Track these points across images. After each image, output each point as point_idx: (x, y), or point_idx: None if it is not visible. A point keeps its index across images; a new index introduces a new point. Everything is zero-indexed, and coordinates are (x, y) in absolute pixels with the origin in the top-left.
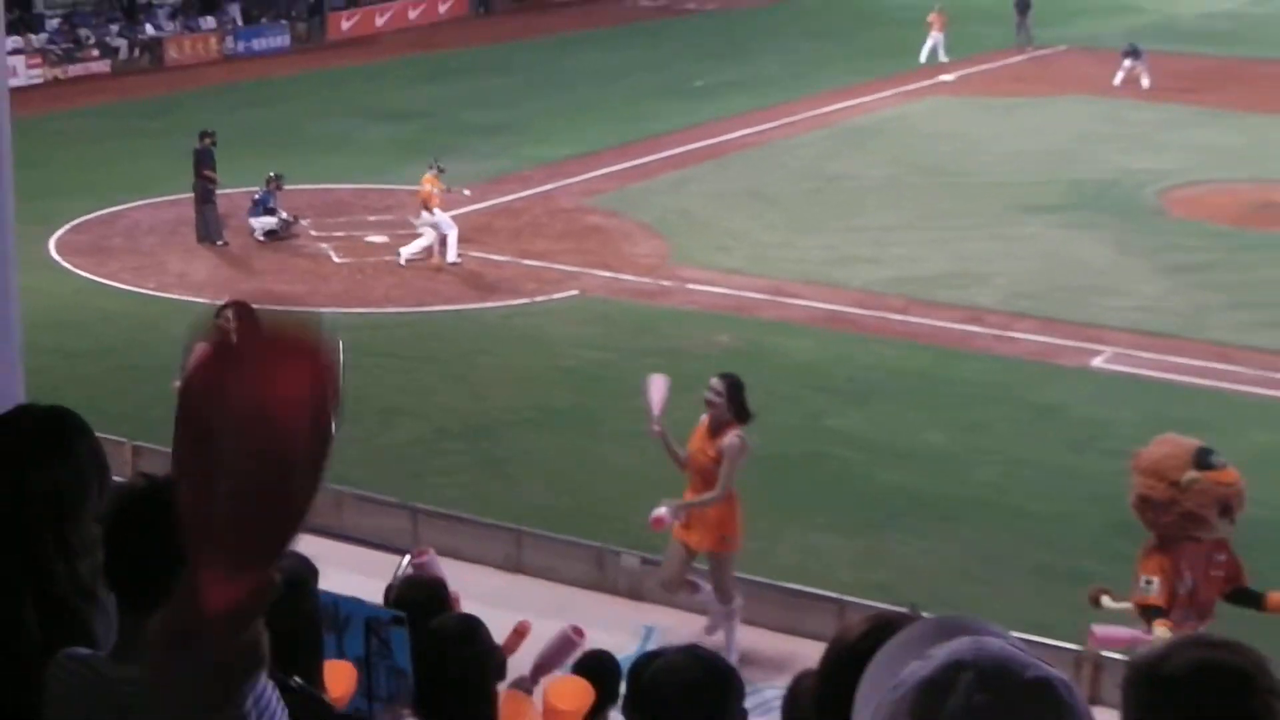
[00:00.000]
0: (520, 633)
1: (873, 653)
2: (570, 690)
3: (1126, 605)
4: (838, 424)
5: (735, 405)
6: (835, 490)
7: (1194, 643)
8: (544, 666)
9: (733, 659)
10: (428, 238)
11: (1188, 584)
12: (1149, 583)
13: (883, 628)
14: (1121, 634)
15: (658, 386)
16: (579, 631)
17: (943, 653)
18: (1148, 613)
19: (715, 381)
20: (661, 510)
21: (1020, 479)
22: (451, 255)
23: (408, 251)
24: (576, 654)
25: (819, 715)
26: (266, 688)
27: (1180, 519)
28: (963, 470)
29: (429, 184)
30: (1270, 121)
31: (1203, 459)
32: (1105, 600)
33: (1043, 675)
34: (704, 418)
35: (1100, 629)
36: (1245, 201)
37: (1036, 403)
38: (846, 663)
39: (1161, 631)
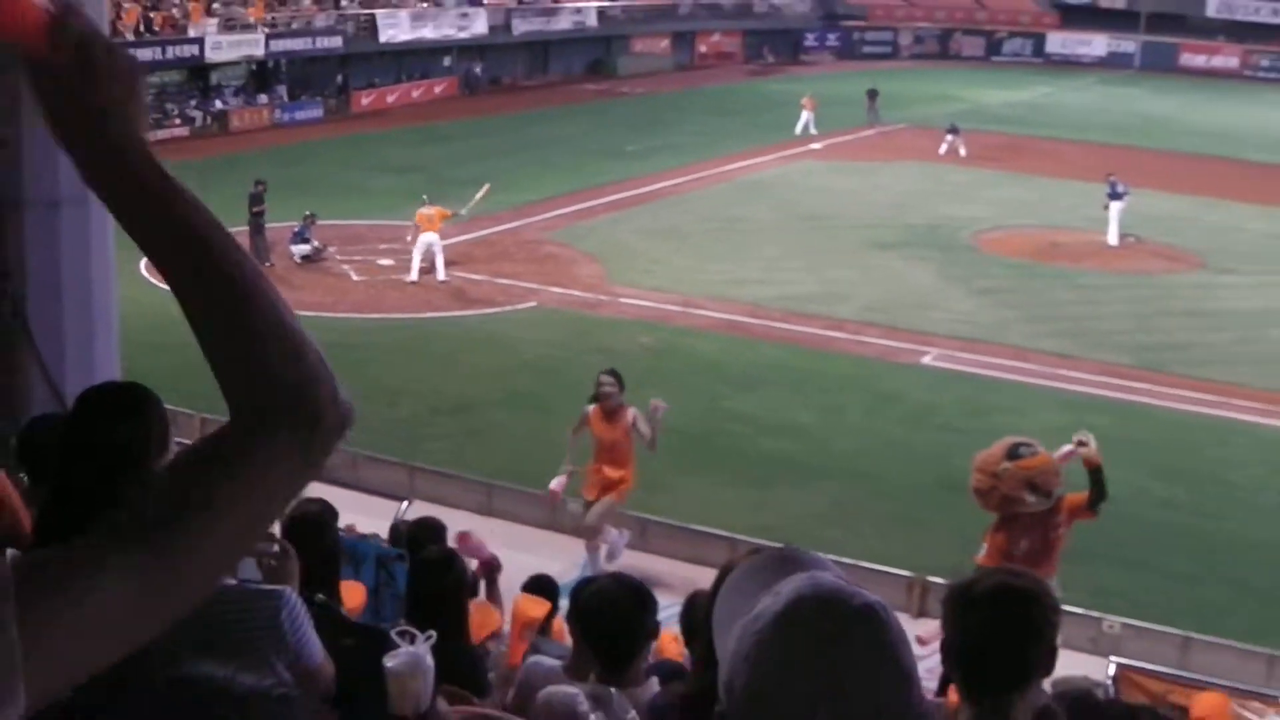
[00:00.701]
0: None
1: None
2: (534, 602)
3: None
4: (733, 406)
5: (624, 390)
6: (731, 456)
7: (996, 571)
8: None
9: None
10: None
11: (1022, 548)
12: (981, 548)
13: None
14: None
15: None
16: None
17: (788, 588)
18: None
19: (606, 377)
20: (556, 483)
21: (869, 448)
22: (415, 275)
23: (441, 271)
24: (472, 544)
25: (707, 626)
26: (296, 602)
27: (1001, 501)
28: (827, 441)
29: (434, 214)
30: (1054, 183)
31: (1013, 452)
32: None
33: (867, 601)
34: (594, 407)
35: None
36: (1036, 242)
37: (881, 391)
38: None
39: None
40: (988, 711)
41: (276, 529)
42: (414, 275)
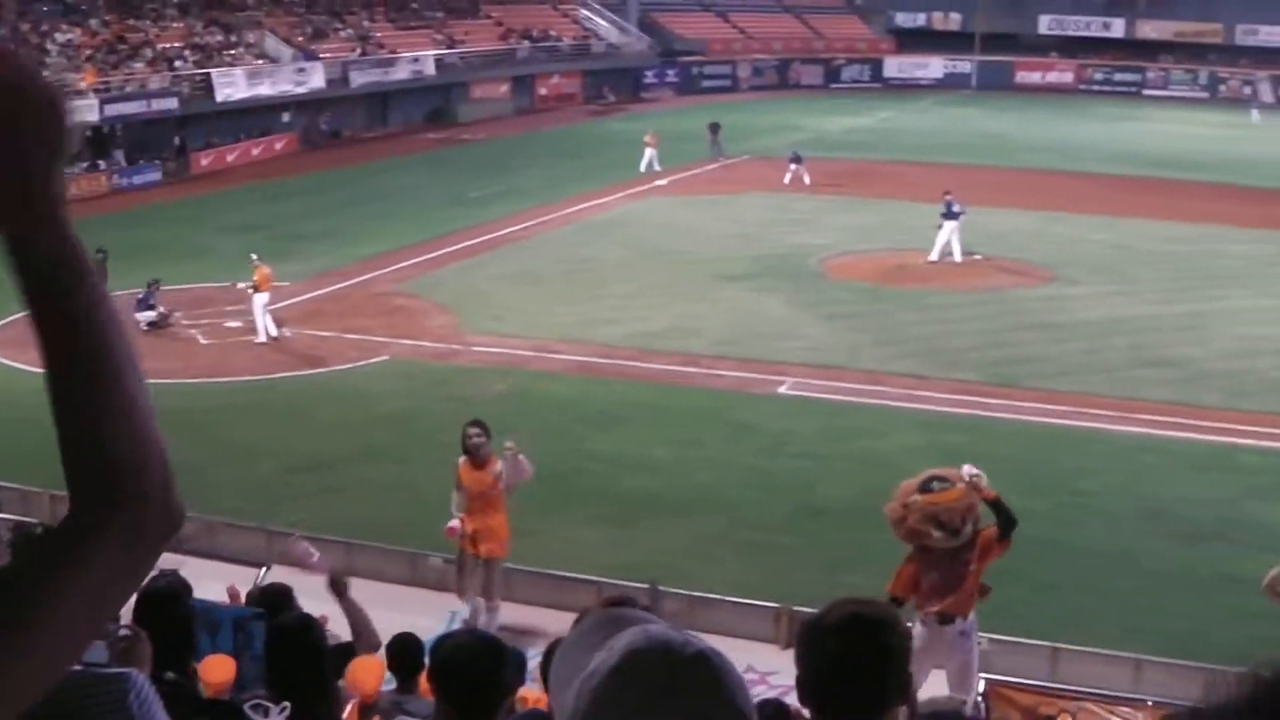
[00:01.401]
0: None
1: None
2: (368, 671)
3: None
4: (591, 446)
5: (491, 439)
6: (592, 495)
7: (846, 601)
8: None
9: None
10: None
11: (932, 579)
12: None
13: (613, 605)
14: None
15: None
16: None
17: (621, 643)
18: (892, 601)
19: (473, 429)
20: (453, 523)
21: (728, 479)
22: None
23: (271, 330)
24: (312, 562)
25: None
26: (144, 684)
27: (909, 532)
28: (686, 475)
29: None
30: (898, 206)
31: (925, 485)
32: None
33: (700, 649)
34: (463, 459)
35: None
36: (883, 266)
37: (737, 422)
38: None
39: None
40: None
41: (128, 607)
42: (263, 335)
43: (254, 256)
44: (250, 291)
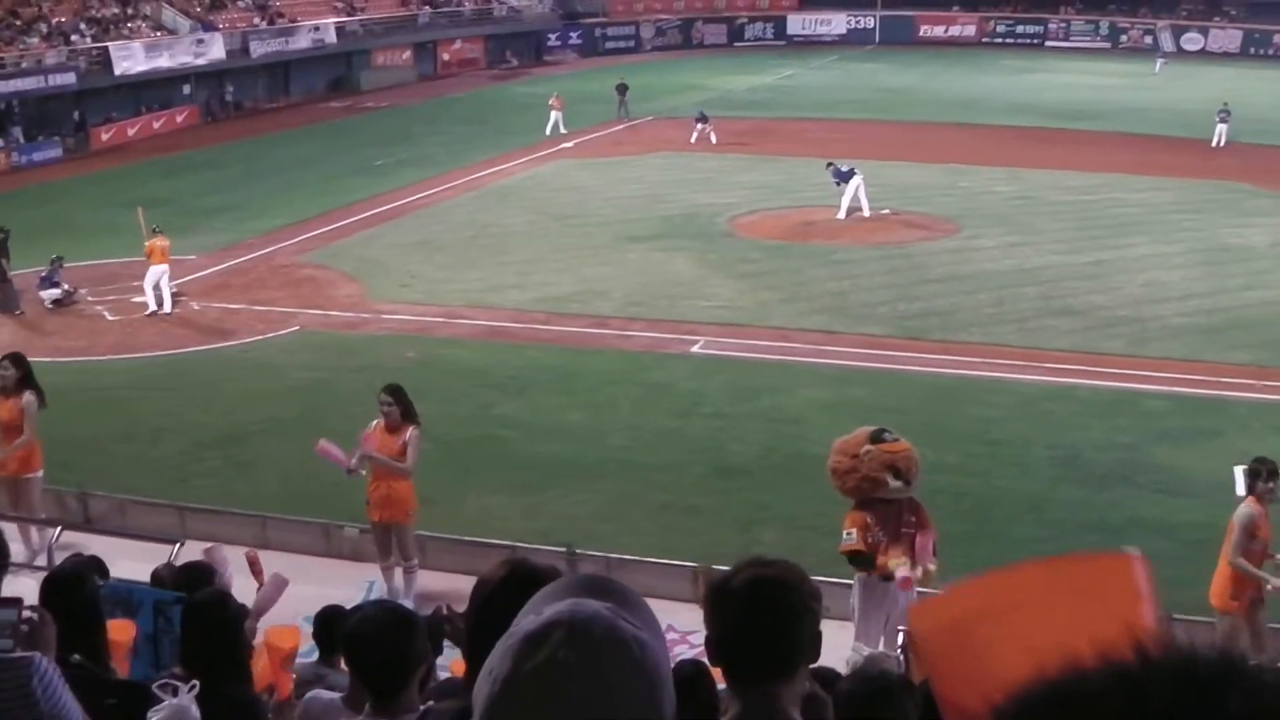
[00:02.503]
0: (252, 560)
1: (502, 587)
2: (283, 632)
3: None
4: (502, 411)
5: (403, 408)
6: (503, 462)
7: (750, 563)
8: (262, 609)
9: (409, 603)
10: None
11: (878, 536)
12: (848, 535)
13: (514, 567)
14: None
15: (330, 448)
16: (283, 579)
17: (549, 611)
18: (856, 559)
19: (383, 395)
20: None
21: (641, 441)
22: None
23: (169, 304)
24: (282, 592)
25: (467, 639)
26: (48, 667)
27: (861, 482)
28: (598, 438)
29: (166, 245)
30: (802, 163)
31: (876, 436)
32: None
33: (620, 636)
34: (379, 422)
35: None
36: (790, 223)
37: (650, 383)
38: (485, 597)
39: (899, 565)
40: (755, 704)
41: (35, 591)
42: (153, 306)
43: (154, 227)
44: (159, 259)
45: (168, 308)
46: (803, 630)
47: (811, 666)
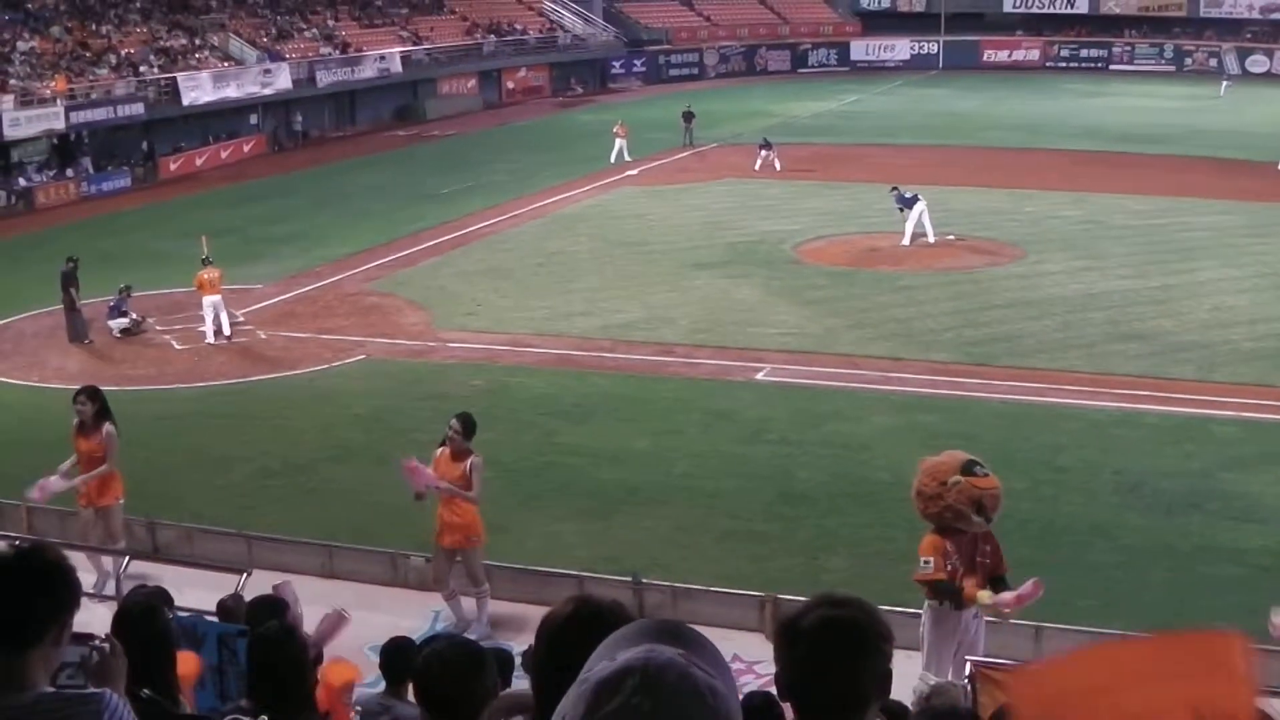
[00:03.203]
0: (337, 618)
1: (568, 625)
2: (340, 667)
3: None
4: (567, 439)
5: (469, 436)
6: (569, 490)
7: (822, 601)
8: (320, 643)
9: (484, 629)
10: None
11: (954, 563)
12: (926, 563)
13: (580, 604)
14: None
15: (418, 466)
16: (344, 612)
17: (623, 657)
18: (936, 587)
19: (454, 421)
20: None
21: (707, 467)
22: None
23: (227, 329)
24: (345, 628)
25: (534, 677)
26: (119, 704)
27: (944, 511)
28: (664, 465)
29: (216, 276)
30: (867, 188)
31: (968, 468)
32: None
33: (694, 685)
34: (444, 449)
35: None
36: (856, 249)
37: (715, 410)
38: (552, 634)
39: (984, 596)
40: None
41: (106, 622)
42: (210, 338)
43: (204, 257)
44: (209, 290)
45: (227, 330)
46: (874, 671)
47: (884, 701)
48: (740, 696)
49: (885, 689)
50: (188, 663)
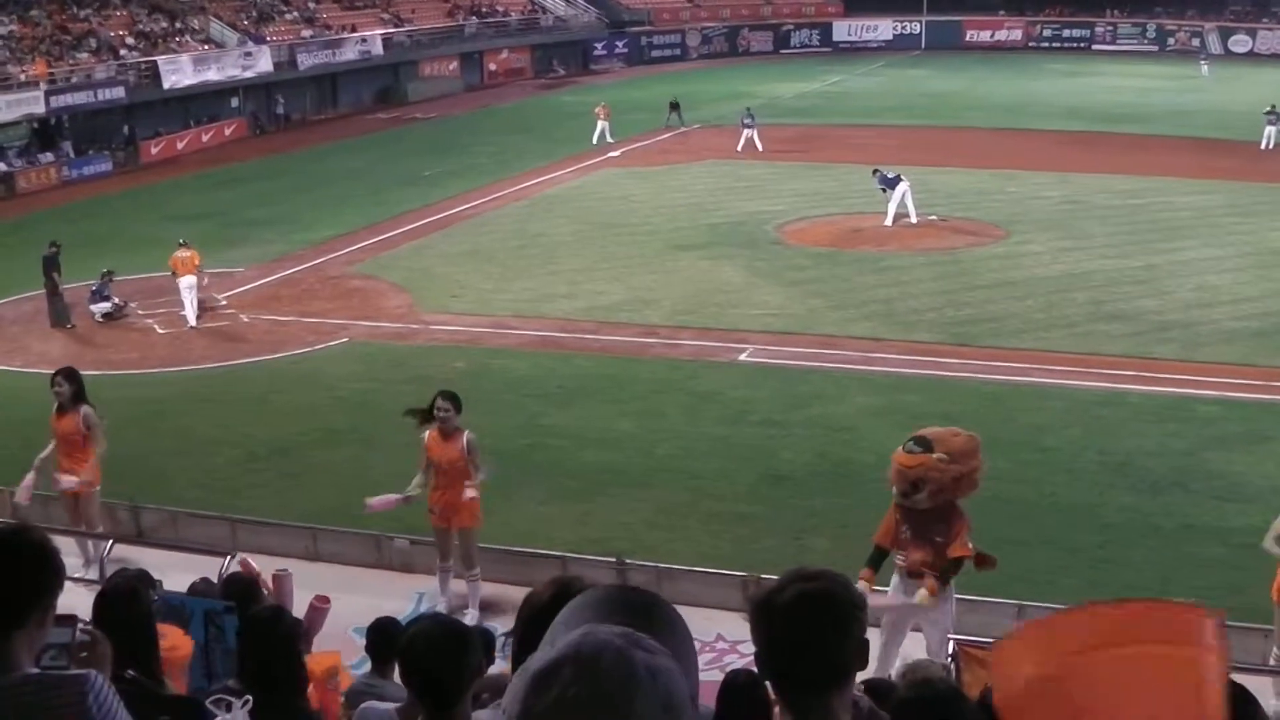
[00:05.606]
0: (318, 606)
1: (550, 607)
2: (320, 656)
3: None
4: (551, 421)
5: (460, 412)
6: (553, 472)
7: (794, 577)
8: (308, 635)
9: (475, 614)
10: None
11: (905, 533)
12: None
13: (561, 586)
14: None
15: (378, 502)
16: (323, 599)
17: (560, 645)
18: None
19: (443, 402)
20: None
21: (690, 449)
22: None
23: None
24: (326, 615)
25: (514, 660)
26: (103, 684)
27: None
28: (647, 447)
29: (190, 257)
30: (851, 169)
31: (905, 442)
32: None
33: (629, 668)
34: (433, 430)
35: None
36: (839, 230)
37: (699, 391)
38: (532, 616)
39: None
40: (806, 714)
41: (87, 603)
42: (192, 321)
43: (180, 240)
44: (183, 270)
45: (192, 319)
46: (850, 641)
47: (867, 678)
48: (724, 676)
49: (864, 657)
50: (182, 643)
